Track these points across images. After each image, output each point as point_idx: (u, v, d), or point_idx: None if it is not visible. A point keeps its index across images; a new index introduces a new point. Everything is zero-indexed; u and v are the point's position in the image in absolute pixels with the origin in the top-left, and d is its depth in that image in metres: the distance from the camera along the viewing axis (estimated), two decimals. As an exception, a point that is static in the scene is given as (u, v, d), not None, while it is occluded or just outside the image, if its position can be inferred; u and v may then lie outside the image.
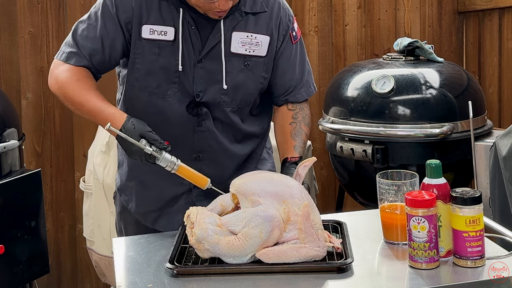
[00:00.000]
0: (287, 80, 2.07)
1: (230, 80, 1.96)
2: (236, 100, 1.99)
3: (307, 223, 1.63)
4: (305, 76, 2.12)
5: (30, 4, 3.51)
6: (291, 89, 2.08)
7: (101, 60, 1.96)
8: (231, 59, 1.96)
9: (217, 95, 1.96)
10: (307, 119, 2.10)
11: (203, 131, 1.98)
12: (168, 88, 1.95)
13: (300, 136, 2.05)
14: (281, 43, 2.03)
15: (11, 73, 3.51)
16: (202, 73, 1.95)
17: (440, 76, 3.07)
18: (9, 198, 2.65)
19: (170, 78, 1.94)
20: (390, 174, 1.77)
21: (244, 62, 1.98)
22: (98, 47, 1.95)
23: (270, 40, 2.00)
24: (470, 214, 1.57)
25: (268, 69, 2.02)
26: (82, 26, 1.99)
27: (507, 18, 3.80)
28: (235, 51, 1.96)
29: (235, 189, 1.71)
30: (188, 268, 1.64)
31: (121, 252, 1.81)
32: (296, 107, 2.10)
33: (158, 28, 1.93)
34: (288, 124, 2.08)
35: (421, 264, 1.59)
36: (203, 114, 1.96)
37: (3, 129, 2.75)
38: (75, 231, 3.66)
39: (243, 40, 1.97)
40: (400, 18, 4.04)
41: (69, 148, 3.62)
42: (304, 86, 2.11)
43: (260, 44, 1.99)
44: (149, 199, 2.06)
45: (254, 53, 1.98)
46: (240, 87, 1.98)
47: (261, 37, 1.99)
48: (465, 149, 2.96)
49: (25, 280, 2.76)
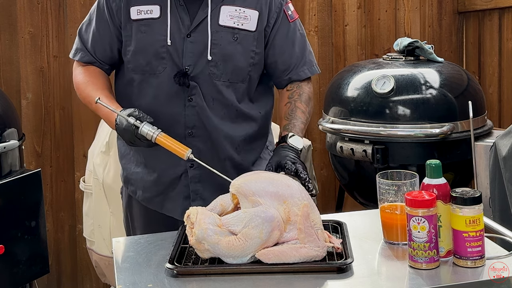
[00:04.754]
0: (286, 58, 2.08)
1: (217, 52, 1.99)
2: (226, 73, 2.01)
3: (307, 223, 1.63)
4: (306, 54, 2.12)
5: (30, 4, 3.51)
6: (292, 67, 2.09)
7: (103, 51, 2.07)
8: (220, 32, 2.00)
9: (206, 67, 1.99)
10: (304, 96, 2.08)
11: (194, 106, 2.01)
12: (158, 64, 2.00)
13: (295, 114, 2.04)
14: (274, 20, 2.05)
15: (11, 73, 3.51)
16: (191, 47, 1.99)
17: (440, 76, 3.07)
18: (9, 198, 2.65)
19: (159, 54, 1.99)
20: (390, 174, 1.77)
21: (233, 35, 2.01)
22: (97, 39, 2.07)
23: (259, 15, 2.03)
24: (470, 214, 1.57)
25: (259, 44, 2.04)
26: (85, 22, 2.13)
27: (507, 18, 3.81)
28: (223, 23, 2.00)
29: (235, 189, 1.71)
30: (188, 268, 1.65)
31: (121, 252, 1.81)
32: (294, 86, 2.10)
33: (144, 8, 2.01)
34: (283, 105, 2.08)
35: (421, 264, 1.59)
36: (191, 87, 1.99)
37: (3, 129, 2.75)
38: (75, 231, 3.66)
39: (231, 14, 2.01)
40: (400, 18, 4.04)
41: (69, 148, 3.62)
42: (307, 64, 2.11)
43: (249, 18, 2.02)
44: (152, 183, 2.10)
45: (242, 26, 2.01)
46: (229, 60, 2.00)
47: (249, 12, 2.02)
48: (465, 149, 2.96)
49: (25, 280, 2.76)
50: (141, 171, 2.12)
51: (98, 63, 2.09)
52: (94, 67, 2.09)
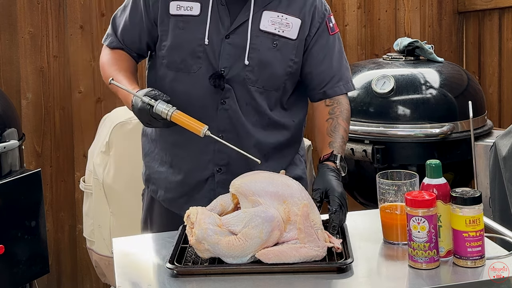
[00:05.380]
0: (322, 70, 2.03)
1: (255, 57, 1.95)
2: (262, 79, 1.97)
3: (307, 223, 1.63)
4: (343, 70, 2.07)
5: (30, 4, 3.51)
6: (328, 81, 2.03)
7: (131, 41, 2.06)
8: (260, 36, 1.96)
9: (242, 71, 1.96)
10: (345, 113, 2.03)
11: (226, 109, 1.97)
12: (193, 63, 1.97)
13: (338, 132, 1.98)
14: (316, 29, 2.00)
15: (11, 73, 3.51)
16: (228, 48, 1.96)
17: (440, 76, 3.07)
18: (9, 198, 2.65)
19: (195, 53, 1.96)
20: (390, 174, 1.77)
21: (273, 41, 1.96)
22: (127, 28, 2.06)
23: (301, 23, 1.98)
24: (470, 214, 1.57)
25: (299, 53, 2.00)
26: (120, 8, 2.11)
27: (507, 18, 3.81)
28: (264, 28, 1.96)
29: (235, 189, 1.71)
30: (188, 268, 1.64)
31: (121, 252, 1.81)
32: (333, 102, 2.03)
33: (185, 4, 1.98)
34: (325, 121, 2.01)
35: (421, 264, 1.59)
36: (226, 89, 1.96)
37: (3, 129, 2.75)
38: (75, 231, 3.66)
39: (273, 19, 1.97)
40: (400, 18, 4.04)
41: (69, 148, 3.62)
42: (343, 80, 2.06)
43: (291, 26, 1.97)
44: (177, 184, 2.06)
45: (283, 33, 1.97)
46: (266, 66, 1.96)
47: (292, 19, 1.98)
48: (465, 149, 2.96)
49: (25, 280, 2.76)
50: (165, 171, 2.08)
51: (126, 49, 2.08)
52: (121, 51, 2.09)
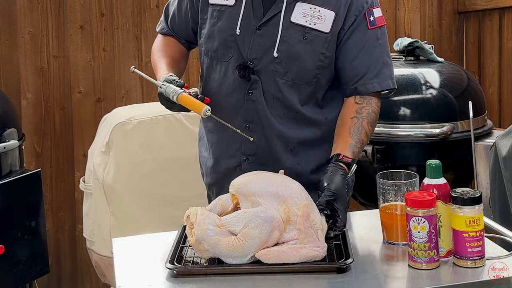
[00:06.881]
0: (356, 65, 1.96)
1: (284, 49, 1.94)
2: (290, 72, 1.95)
3: (307, 223, 1.63)
4: (381, 66, 1.97)
5: (30, 4, 3.51)
6: (361, 77, 1.96)
7: (179, 28, 2.17)
8: (290, 28, 1.94)
9: (270, 63, 1.95)
10: (372, 116, 1.95)
11: (253, 101, 1.98)
12: (225, 52, 2.00)
13: (359, 135, 1.91)
14: (350, 23, 1.94)
15: (11, 73, 3.51)
16: (258, 40, 1.96)
17: (440, 76, 3.07)
18: (9, 198, 2.65)
19: (227, 42, 1.99)
20: (390, 174, 1.77)
21: (303, 34, 1.94)
22: (176, 16, 2.16)
23: (335, 16, 1.94)
24: (470, 214, 1.57)
25: (331, 47, 1.95)
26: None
27: (507, 18, 3.81)
28: (294, 20, 1.94)
29: (235, 189, 1.71)
30: (188, 268, 1.64)
31: (121, 252, 1.81)
32: (363, 101, 1.96)
33: None
34: (349, 118, 1.94)
35: (421, 264, 1.59)
36: (253, 81, 1.96)
37: (3, 129, 2.75)
38: (75, 231, 3.66)
39: (305, 12, 1.94)
40: (400, 18, 4.04)
41: (69, 148, 3.62)
42: (378, 76, 1.96)
43: (323, 19, 1.94)
44: (212, 170, 2.13)
45: (315, 26, 1.94)
46: (295, 59, 1.94)
47: (325, 11, 1.94)
48: (465, 149, 2.96)
49: (25, 280, 2.76)
50: (206, 156, 2.15)
51: (175, 36, 2.18)
52: (171, 38, 2.20)
